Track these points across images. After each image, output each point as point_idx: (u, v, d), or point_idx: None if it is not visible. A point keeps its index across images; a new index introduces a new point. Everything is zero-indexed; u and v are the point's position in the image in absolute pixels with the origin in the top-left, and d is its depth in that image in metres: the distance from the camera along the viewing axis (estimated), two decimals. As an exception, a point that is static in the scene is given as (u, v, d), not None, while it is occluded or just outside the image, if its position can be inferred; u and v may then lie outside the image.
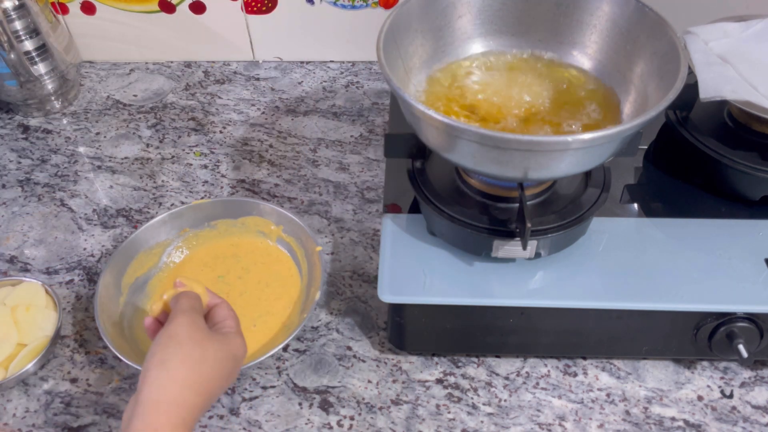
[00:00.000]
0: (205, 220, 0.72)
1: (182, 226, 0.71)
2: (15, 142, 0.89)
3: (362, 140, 0.88)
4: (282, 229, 0.70)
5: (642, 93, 0.56)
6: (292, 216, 0.68)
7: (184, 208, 0.71)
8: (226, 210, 0.72)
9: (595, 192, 0.58)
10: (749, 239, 0.60)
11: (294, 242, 0.69)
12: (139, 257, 0.69)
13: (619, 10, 0.58)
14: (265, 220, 0.71)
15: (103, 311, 0.62)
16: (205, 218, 0.72)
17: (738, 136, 0.64)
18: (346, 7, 0.94)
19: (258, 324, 0.65)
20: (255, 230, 0.71)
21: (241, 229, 0.72)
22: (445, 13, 0.61)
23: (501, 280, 0.57)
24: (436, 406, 0.60)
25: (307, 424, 0.59)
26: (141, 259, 0.69)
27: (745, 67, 0.63)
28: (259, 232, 0.71)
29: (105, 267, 0.66)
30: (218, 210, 0.72)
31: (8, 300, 0.65)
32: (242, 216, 0.71)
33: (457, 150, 0.50)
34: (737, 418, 0.59)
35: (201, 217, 0.72)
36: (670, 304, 0.55)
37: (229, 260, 0.70)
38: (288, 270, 0.69)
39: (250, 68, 1.01)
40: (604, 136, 0.46)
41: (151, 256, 0.70)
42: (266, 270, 0.69)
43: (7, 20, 0.83)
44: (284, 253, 0.70)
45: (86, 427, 0.59)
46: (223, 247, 0.72)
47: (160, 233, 0.70)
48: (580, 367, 0.63)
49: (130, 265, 0.68)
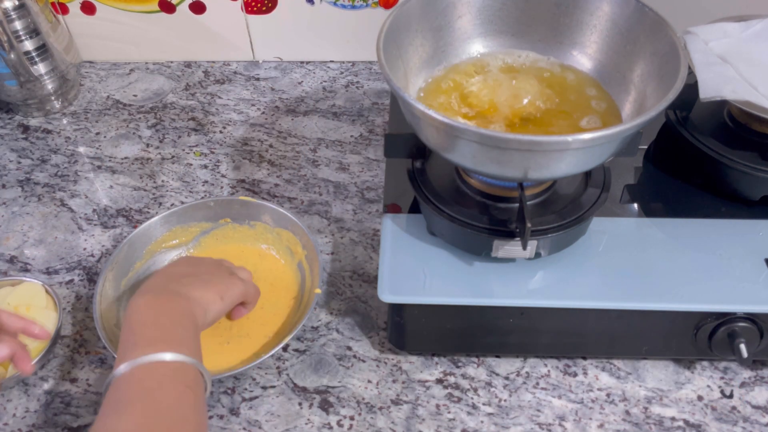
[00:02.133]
0: (248, 217, 0.72)
1: (225, 215, 0.72)
2: (15, 142, 0.89)
3: (362, 140, 0.88)
4: (305, 255, 0.68)
5: (642, 93, 0.56)
6: (315, 247, 0.66)
7: (231, 200, 0.71)
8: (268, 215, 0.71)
9: (595, 192, 0.58)
10: (749, 239, 0.60)
11: (308, 273, 0.68)
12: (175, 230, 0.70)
13: (619, 10, 0.58)
14: (296, 239, 0.69)
15: (103, 309, 0.62)
16: (248, 216, 0.72)
17: (738, 136, 0.64)
18: (346, 7, 0.95)
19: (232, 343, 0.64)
20: (286, 244, 0.71)
21: (275, 238, 0.71)
22: (445, 13, 0.61)
23: (501, 280, 0.57)
24: (436, 406, 0.60)
25: (307, 424, 0.59)
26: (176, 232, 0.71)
27: (745, 67, 0.63)
28: (287, 248, 0.70)
29: (107, 262, 0.65)
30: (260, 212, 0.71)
31: (9, 300, 0.65)
32: (279, 228, 0.71)
33: (457, 150, 0.50)
34: (737, 418, 0.59)
35: (244, 213, 0.72)
36: (670, 304, 0.55)
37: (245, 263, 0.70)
38: (288, 300, 0.67)
39: (250, 68, 1.01)
40: (604, 136, 0.46)
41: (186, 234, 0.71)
42: (270, 291, 0.68)
43: (7, 20, 0.83)
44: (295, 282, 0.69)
45: (86, 426, 0.59)
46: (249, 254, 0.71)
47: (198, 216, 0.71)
48: (580, 367, 0.63)
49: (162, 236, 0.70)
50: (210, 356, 0.60)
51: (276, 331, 0.64)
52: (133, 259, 0.68)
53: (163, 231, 0.70)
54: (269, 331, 0.64)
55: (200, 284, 0.55)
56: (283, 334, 0.64)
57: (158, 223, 0.70)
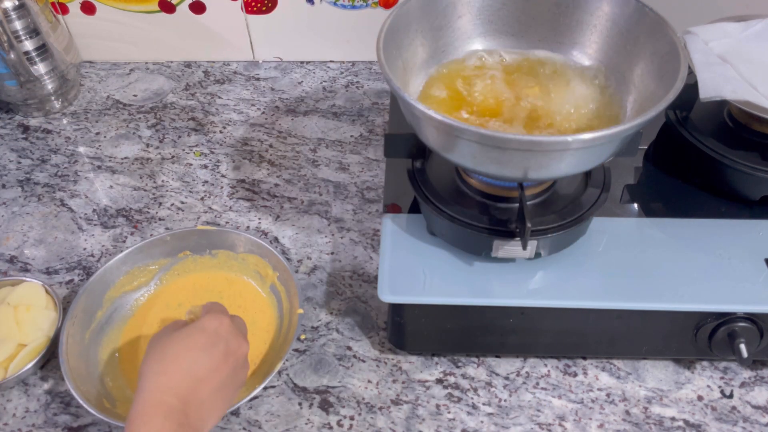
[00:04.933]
0: (208, 247, 0.69)
1: (184, 248, 0.69)
2: (15, 142, 0.89)
3: (362, 140, 0.88)
4: (277, 277, 0.67)
5: (642, 93, 0.56)
6: (287, 266, 0.65)
7: (188, 231, 0.69)
8: (229, 242, 0.69)
9: (595, 192, 0.58)
10: (749, 239, 0.60)
11: (284, 294, 0.66)
12: (133, 272, 0.67)
13: (619, 10, 0.58)
14: (264, 262, 0.67)
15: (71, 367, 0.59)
16: (209, 245, 0.69)
17: (738, 136, 0.64)
18: (346, 7, 0.95)
19: None
20: (253, 269, 0.68)
21: (240, 264, 0.69)
22: (445, 13, 0.61)
23: (501, 280, 0.57)
24: (436, 406, 0.60)
25: (307, 424, 0.59)
26: (134, 274, 0.67)
27: (745, 67, 0.63)
28: (256, 272, 0.68)
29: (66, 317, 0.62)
30: (222, 240, 0.69)
31: (9, 300, 0.65)
32: (245, 252, 0.68)
33: (457, 150, 0.50)
34: (737, 418, 0.59)
35: (204, 243, 0.69)
36: (670, 304, 0.55)
37: (213, 295, 0.68)
38: (267, 326, 0.65)
39: (250, 68, 1.01)
40: (604, 136, 0.46)
41: (146, 274, 0.68)
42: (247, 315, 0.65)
43: (7, 20, 0.83)
44: (269, 306, 0.67)
45: (86, 427, 0.59)
46: (214, 280, 0.69)
47: (155, 253, 0.68)
48: (580, 367, 0.63)
49: (119, 280, 0.66)
50: None
51: (262, 359, 0.62)
52: (94, 309, 0.64)
53: (120, 274, 0.66)
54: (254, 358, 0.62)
55: (219, 400, 0.50)
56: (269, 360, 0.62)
57: (114, 266, 0.66)
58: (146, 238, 0.70)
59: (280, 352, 0.61)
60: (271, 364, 0.60)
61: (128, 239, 0.76)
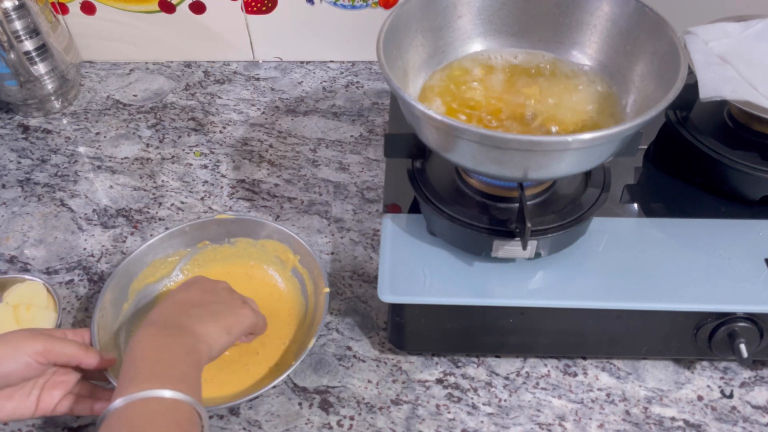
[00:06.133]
0: (227, 235, 0.70)
1: (203, 238, 0.69)
2: (15, 142, 0.89)
3: (362, 140, 0.88)
4: (299, 260, 0.67)
5: (642, 93, 0.56)
6: (309, 249, 0.65)
7: (207, 221, 0.69)
8: (248, 230, 0.69)
9: (595, 192, 0.58)
10: (749, 239, 0.60)
11: (307, 276, 0.66)
12: (154, 264, 0.67)
13: (619, 10, 0.58)
14: (284, 247, 0.68)
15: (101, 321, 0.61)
16: (227, 234, 0.69)
17: (738, 136, 0.64)
18: (346, 7, 0.95)
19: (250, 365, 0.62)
20: (273, 255, 0.69)
21: (259, 251, 0.69)
22: (445, 13, 0.61)
23: (501, 280, 0.57)
24: (436, 406, 0.60)
25: (307, 424, 0.59)
26: (156, 266, 0.67)
27: (745, 67, 0.63)
28: (276, 257, 0.69)
29: (113, 275, 0.64)
30: (240, 228, 0.69)
31: (9, 299, 0.65)
32: (264, 239, 0.69)
33: (457, 150, 0.50)
34: (737, 418, 0.59)
35: (223, 232, 0.69)
36: (670, 304, 0.55)
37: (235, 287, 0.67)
38: (289, 310, 0.66)
39: (250, 68, 1.01)
40: (604, 136, 0.46)
41: (166, 265, 0.68)
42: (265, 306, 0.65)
43: (7, 20, 0.83)
44: (287, 293, 0.67)
45: (86, 427, 0.59)
46: (234, 271, 0.69)
47: (175, 244, 0.68)
48: (580, 367, 0.63)
49: (141, 272, 0.66)
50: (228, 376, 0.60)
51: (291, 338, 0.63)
52: (120, 302, 0.65)
53: (142, 267, 0.67)
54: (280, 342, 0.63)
55: (209, 317, 0.53)
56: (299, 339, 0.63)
57: (136, 259, 0.66)
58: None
59: (309, 331, 0.62)
60: (301, 343, 0.61)
61: (128, 239, 0.76)
